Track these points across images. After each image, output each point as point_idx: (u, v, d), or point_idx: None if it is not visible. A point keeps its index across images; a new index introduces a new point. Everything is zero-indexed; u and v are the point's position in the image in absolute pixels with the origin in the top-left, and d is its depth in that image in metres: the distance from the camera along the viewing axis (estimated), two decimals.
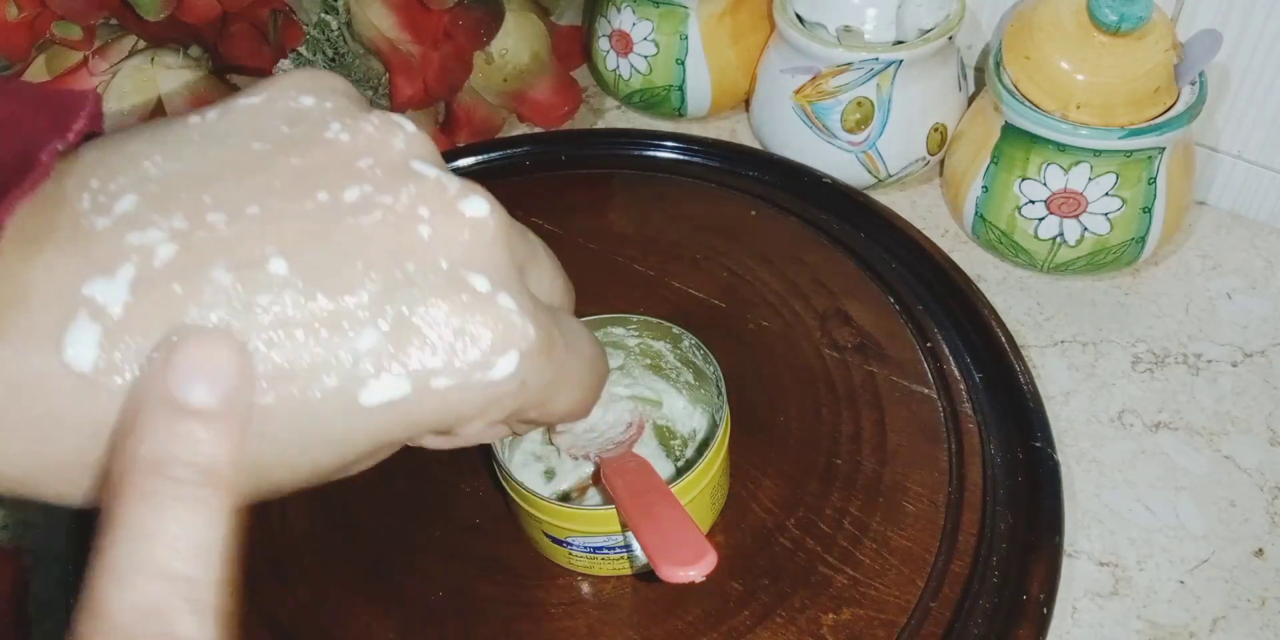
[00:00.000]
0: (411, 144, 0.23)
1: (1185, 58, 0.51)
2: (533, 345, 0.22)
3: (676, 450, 0.46)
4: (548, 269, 0.26)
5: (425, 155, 0.23)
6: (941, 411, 0.47)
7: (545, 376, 0.23)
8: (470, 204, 0.22)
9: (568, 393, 0.25)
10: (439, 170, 0.23)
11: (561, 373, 0.24)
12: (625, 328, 0.45)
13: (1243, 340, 0.54)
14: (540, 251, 0.26)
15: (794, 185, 0.59)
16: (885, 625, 0.40)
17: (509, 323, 0.22)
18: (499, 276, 0.22)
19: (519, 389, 0.23)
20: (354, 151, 0.22)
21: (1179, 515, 0.47)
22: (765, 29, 0.64)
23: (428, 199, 0.22)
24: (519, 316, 0.22)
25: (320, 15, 0.57)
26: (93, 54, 0.55)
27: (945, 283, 0.53)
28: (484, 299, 0.22)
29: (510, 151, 0.63)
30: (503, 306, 0.22)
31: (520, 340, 0.22)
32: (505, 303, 0.22)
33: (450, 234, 0.22)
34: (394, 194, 0.22)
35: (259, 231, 0.21)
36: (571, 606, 0.42)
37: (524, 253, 0.24)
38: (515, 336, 0.22)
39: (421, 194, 0.22)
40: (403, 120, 0.24)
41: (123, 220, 0.20)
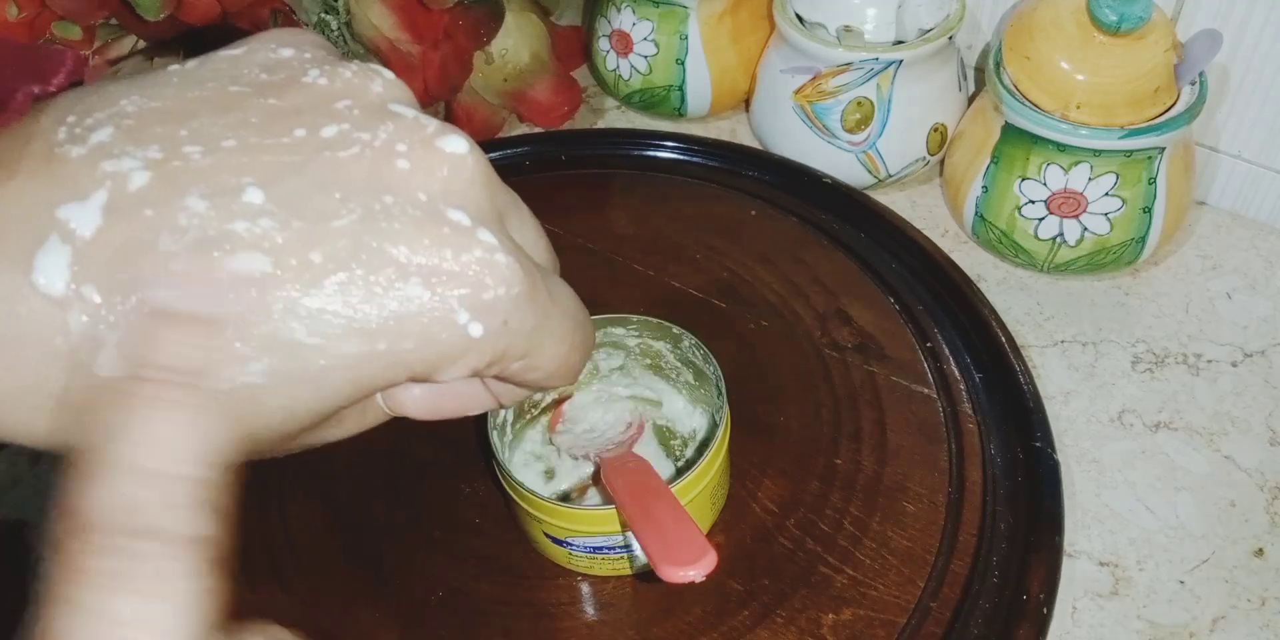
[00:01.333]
0: (390, 88, 0.23)
1: (1185, 58, 0.51)
2: (515, 283, 0.22)
3: (676, 450, 0.46)
4: (530, 224, 0.26)
5: (403, 99, 0.23)
6: (941, 411, 0.47)
7: (527, 320, 0.23)
8: (448, 141, 0.22)
9: (552, 346, 0.24)
10: (417, 111, 0.23)
11: (545, 321, 0.23)
12: (625, 328, 0.45)
13: (1243, 340, 0.54)
14: (522, 206, 0.26)
15: (794, 185, 0.59)
16: (885, 625, 0.40)
17: (491, 257, 0.22)
18: (478, 214, 0.22)
19: (500, 328, 0.22)
20: (332, 94, 0.23)
21: (1179, 515, 0.47)
22: (765, 29, 0.64)
23: (405, 135, 0.22)
24: (501, 253, 0.22)
25: (320, 15, 0.57)
26: (93, 54, 0.55)
27: (945, 283, 0.53)
28: (464, 232, 0.22)
29: (510, 151, 0.63)
30: (484, 241, 0.22)
31: (502, 275, 0.22)
32: (486, 238, 0.22)
33: (429, 168, 0.22)
34: (371, 131, 0.22)
35: (235, 163, 0.21)
36: (571, 606, 0.42)
37: (505, 200, 0.24)
38: (497, 269, 0.22)
39: (399, 131, 0.22)
40: (380, 68, 0.24)
41: (97, 149, 0.20)
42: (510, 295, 0.22)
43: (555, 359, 0.25)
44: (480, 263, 0.22)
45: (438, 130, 0.22)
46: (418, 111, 0.23)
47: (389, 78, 0.24)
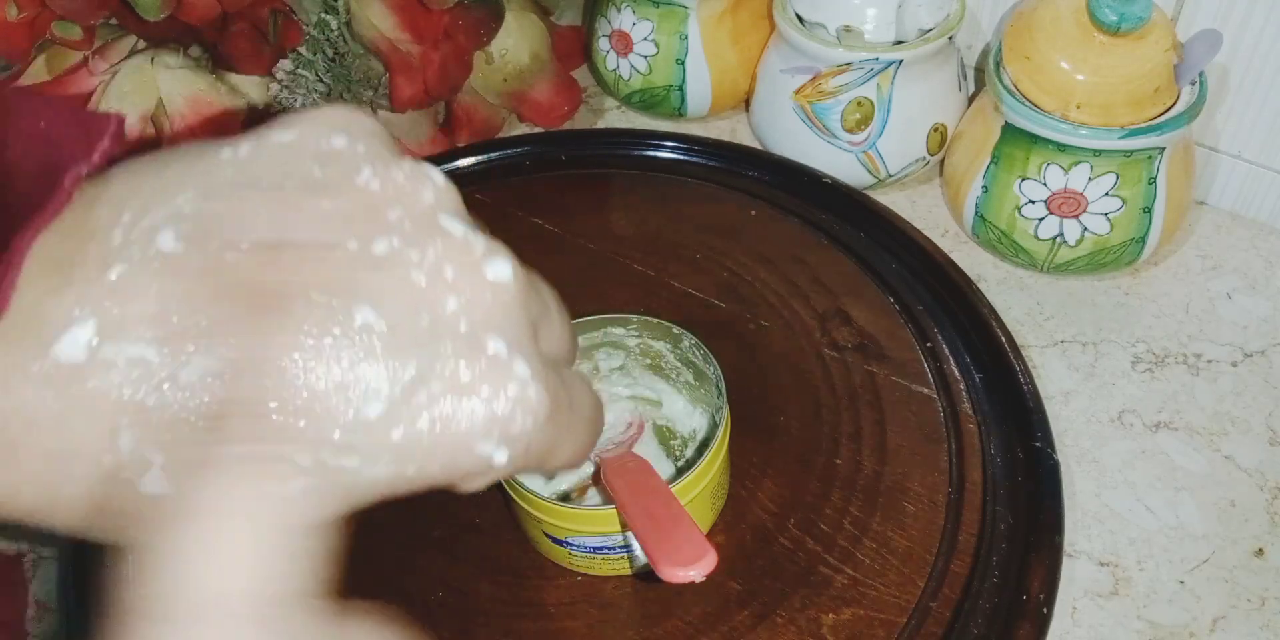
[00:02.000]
0: (441, 197, 0.24)
1: (1185, 58, 0.51)
2: (542, 412, 0.23)
3: (676, 450, 0.46)
4: (557, 324, 0.26)
5: (453, 209, 0.24)
6: (941, 411, 0.47)
7: (548, 440, 0.24)
8: (495, 267, 0.23)
9: (567, 451, 0.25)
10: (465, 226, 0.23)
11: (564, 434, 0.24)
12: (625, 328, 0.45)
13: (1243, 340, 0.54)
14: (551, 306, 0.26)
15: (794, 185, 0.59)
16: (885, 625, 0.40)
17: (524, 392, 0.22)
18: (515, 340, 0.23)
19: (523, 453, 0.23)
20: (384, 200, 0.23)
21: (1179, 515, 0.47)
22: (765, 29, 0.64)
23: (454, 257, 0.22)
24: (533, 385, 0.22)
25: (320, 15, 0.57)
26: (93, 54, 0.55)
27: (945, 283, 0.53)
28: (501, 365, 0.22)
29: (510, 151, 0.63)
30: (519, 375, 0.22)
31: (532, 408, 0.22)
32: (521, 371, 0.22)
33: (474, 298, 0.22)
34: (421, 249, 0.22)
35: (290, 278, 0.21)
36: (571, 606, 0.42)
37: (538, 310, 0.24)
38: (528, 404, 0.22)
39: (448, 252, 0.22)
40: (432, 171, 0.24)
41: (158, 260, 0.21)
42: (537, 424, 0.23)
43: (567, 458, 0.26)
44: (514, 399, 0.22)
45: (485, 253, 0.23)
46: (466, 226, 0.23)
47: (440, 184, 0.24)
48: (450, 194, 0.24)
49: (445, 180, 0.24)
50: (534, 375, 0.23)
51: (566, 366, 0.27)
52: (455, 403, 0.22)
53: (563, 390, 0.24)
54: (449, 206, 0.24)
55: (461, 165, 0.62)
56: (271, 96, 0.57)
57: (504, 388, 0.22)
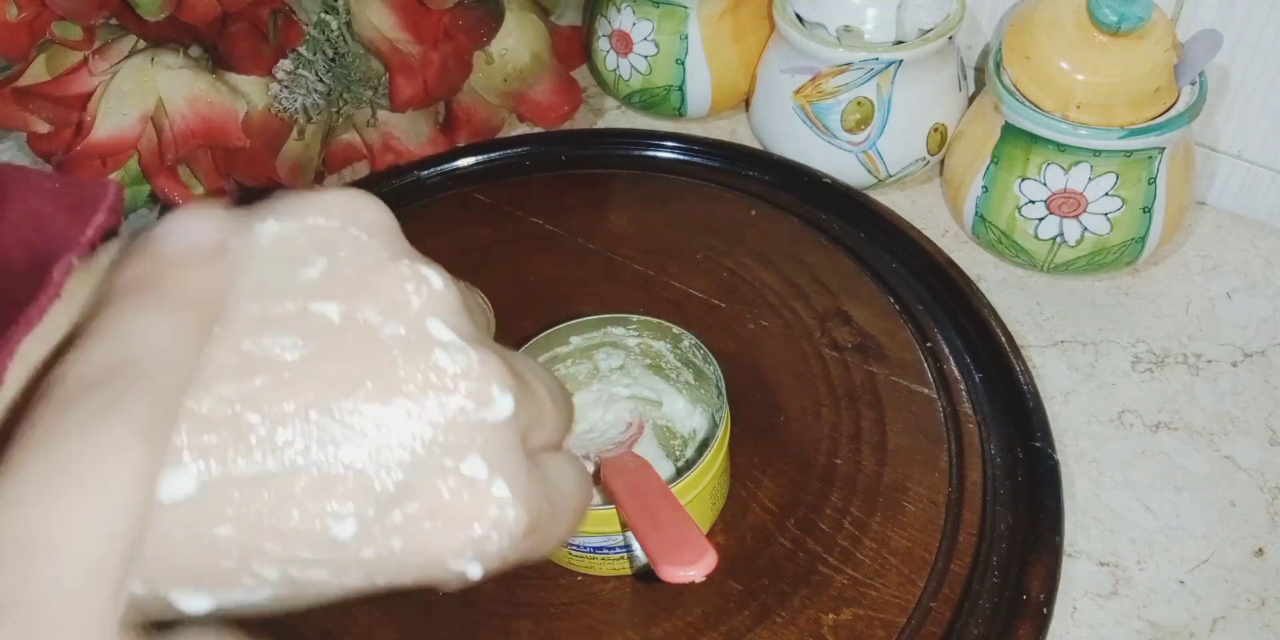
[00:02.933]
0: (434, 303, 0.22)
1: (1185, 58, 0.51)
2: (520, 531, 0.22)
3: (676, 450, 0.46)
4: (550, 417, 0.25)
5: (445, 315, 0.23)
6: (941, 411, 0.47)
7: (524, 550, 0.23)
8: (484, 394, 0.22)
9: (544, 550, 0.25)
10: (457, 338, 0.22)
11: (542, 540, 0.24)
12: (625, 328, 0.45)
13: (1243, 340, 0.54)
14: (546, 401, 0.25)
15: (794, 185, 0.59)
16: (885, 625, 0.40)
17: (502, 513, 0.22)
18: (498, 460, 0.22)
19: (499, 564, 0.23)
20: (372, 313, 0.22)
21: (1179, 515, 0.47)
22: (765, 29, 0.64)
23: (437, 381, 0.22)
24: (512, 507, 0.22)
25: (320, 15, 0.57)
26: (93, 54, 0.55)
27: (945, 283, 0.53)
28: (480, 487, 0.22)
29: (510, 151, 0.63)
30: (498, 497, 0.22)
31: (509, 529, 0.22)
32: (500, 492, 0.22)
33: (457, 421, 0.22)
34: (405, 368, 0.21)
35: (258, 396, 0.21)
36: (571, 606, 0.42)
37: (531, 414, 0.24)
38: (506, 525, 0.22)
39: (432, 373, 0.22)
40: (430, 272, 0.23)
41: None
42: (514, 541, 0.22)
43: (547, 553, 0.25)
44: (491, 521, 0.22)
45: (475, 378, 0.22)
46: (457, 337, 0.22)
47: (437, 288, 0.23)
48: (446, 300, 0.23)
49: (443, 282, 0.23)
50: (514, 495, 0.22)
51: (557, 450, 0.26)
52: (430, 524, 0.21)
53: (545, 498, 0.23)
54: (444, 314, 0.22)
55: (461, 165, 0.62)
56: (271, 96, 0.57)
57: (482, 510, 0.22)
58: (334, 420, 0.21)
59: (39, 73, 0.55)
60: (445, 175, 0.61)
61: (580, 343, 0.45)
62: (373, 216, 0.23)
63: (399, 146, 0.63)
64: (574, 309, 0.45)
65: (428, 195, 0.60)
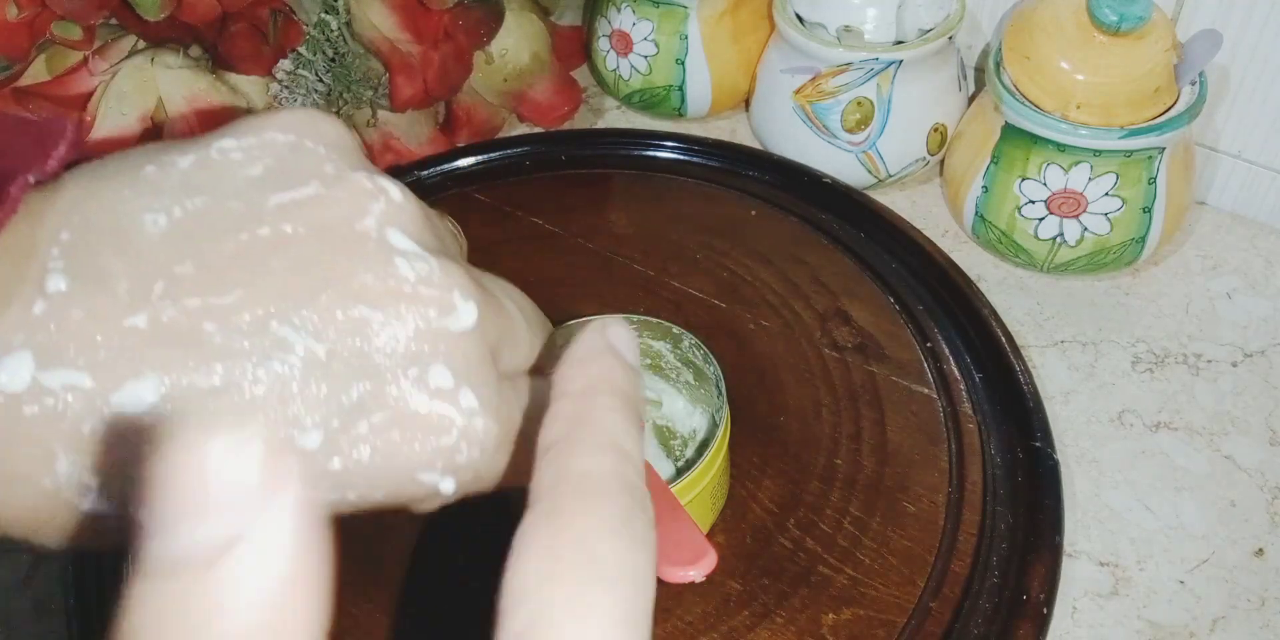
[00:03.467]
0: (394, 213, 0.22)
1: (1185, 58, 0.51)
2: (490, 442, 0.22)
3: (676, 450, 0.46)
4: (524, 340, 0.25)
5: (406, 226, 0.22)
6: (941, 411, 0.47)
7: (500, 466, 0.23)
8: (448, 302, 0.22)
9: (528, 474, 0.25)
10: (417, 248, 0.22)
11: (518, 457, 0.24)
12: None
13: (1243, 340, 0.54)
14: (518, 322, 0.25)
15: (794, 185, 0.59)
16: (885, 625, 0.40)
17: (470, 423, 0.22)
18: (464, 369, 0.22)
19: (473, 480, 0.23)
20: (330, 219, 0.22)
21: (1179, 515, 0.47)
22: (765, 29, 0.64)
23: (401, 287, 0.21)
24: (480, 416, 0.22)
25: (320, 15, 0.57)
26: (93, 54, 0.55)
27: (945, 283, 0.53)
28: (446, 396, 0.21)
29: (510, 151, 0.63)
30: (465, 406, 0.22)
31: (478, 439, 0.22)
32: (467, 401, 0.22)
33: (421, 328, 0.21)
34: (367, 273, 0.21)
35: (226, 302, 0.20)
36: None
37: (500, 331, 0.23)
38: (474, 435, 0.22)
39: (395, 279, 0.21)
40: (388, 183, 0.23)
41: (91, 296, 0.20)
42: (484, 454, 0.22)
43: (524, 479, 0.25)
44: (459, 430, 0.21)
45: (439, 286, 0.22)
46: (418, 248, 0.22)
47: (396, 199, 0.23)
48: (406, 210, 0.23)
49: (402, 195, 0.23)
50: (482, 405, 0.22)
51: (535, 374, 0.26)
52: (397, 434, 0.21)
53: (519, 413, 0.23)
54: (403, 224, 0.22)
55: (461, 165, 0.62)
56: (271, 96, 0.57)
57: (449, 419, 0.21)
58: (293, 329, 0.20)
59: (39, 73, 0.55)
60: (445, 175, 0.61)
61: None
62: (330, 130, 0.23)
63: (399, 146, 0.63)
64: (574, 309, 0.45)
65: (428, 195, 0.60)
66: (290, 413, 0.20)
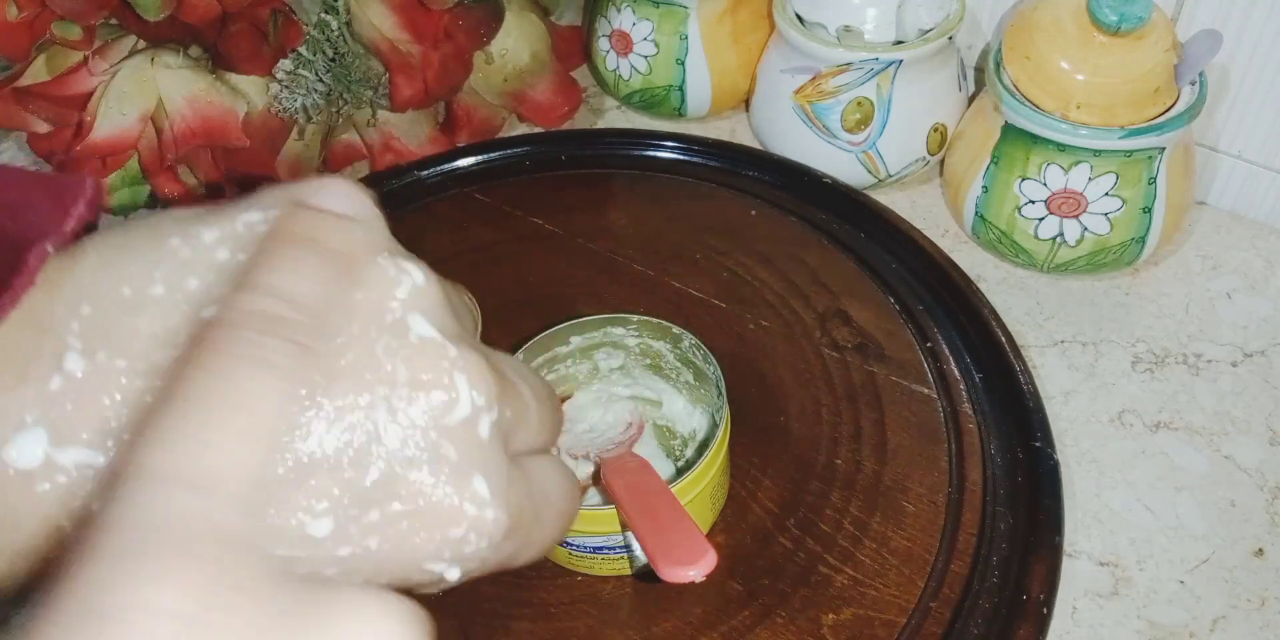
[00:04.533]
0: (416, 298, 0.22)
1: (1185, 58, 0.51)
2: (499, 533, 0.22)
3: (676, 450, 0.46)
4: (535, 419, 0.25)
5: (427, 310, 0.22)
6: (941, 411, 0.47)
7: (506, 553, 0.23)
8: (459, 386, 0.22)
9: (528, 555, 0.24)
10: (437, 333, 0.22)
11: (525, 544, 0.23)
12: (625, 328, 0.45)
13: (1243, 340, 0.54)
14: (530, 402, 0.24)
15: (794, 185, 0.59)
16: (885, 625, 0.40)
17: (480, 513, 0.21)
18: (475, 458, 0.22)
19: (478, 567, 0.22)
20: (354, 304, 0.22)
21: (1179, 515, 0.47)
22: (765, 29, 0.64)
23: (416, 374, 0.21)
24: (491, 507, 0.22)
25: (320, 15, 0.57)
26: (93, 54, 0.55)
27: (945, 283, 0.53)
28: (459, 483, 0.21)
29: (510, 151, 0.63)
30: (477, 494, 0.21)
31: (488, 530, 0.22)
32: (480, 489, 0.21)
33: (434, 417, 0.21)
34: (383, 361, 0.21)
35: None
36: (571, 606, 0.42)
37: (514, 413, 0.23)
38: (485, 527, 0.22)
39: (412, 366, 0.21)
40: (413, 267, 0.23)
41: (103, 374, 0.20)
42: (492, 544, 0.22)
43: (532, 558, 0.25)
44: (469, 520, 0.21)
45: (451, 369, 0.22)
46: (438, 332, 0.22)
47: (419, 283, 0.22)
48: (429, 295, 0.22)
49: (425, 278, 0.23)
50: (493, 495, 0.22)
51: (544, 453, 0.25)
52: (407, 524, 0.21)
53: (528, 500, 0.23)
54: (426, 309, 0.22)
55: (461, 165, 0.62)
56: (271, 96, 0.57)
57: (460, 511, 0.21)
58: (314, 414, 0.20)
59: (39, 73, 0.55)
60: (445, 175, 0.61)
61: (580, 343, 0.45)
62: (357, 208, 0.23)
63: (399, 146, 0.63)
64: (574, 309, 0.45)
65: (428, 195, 0.60)
66: (303, 498, 0.20)
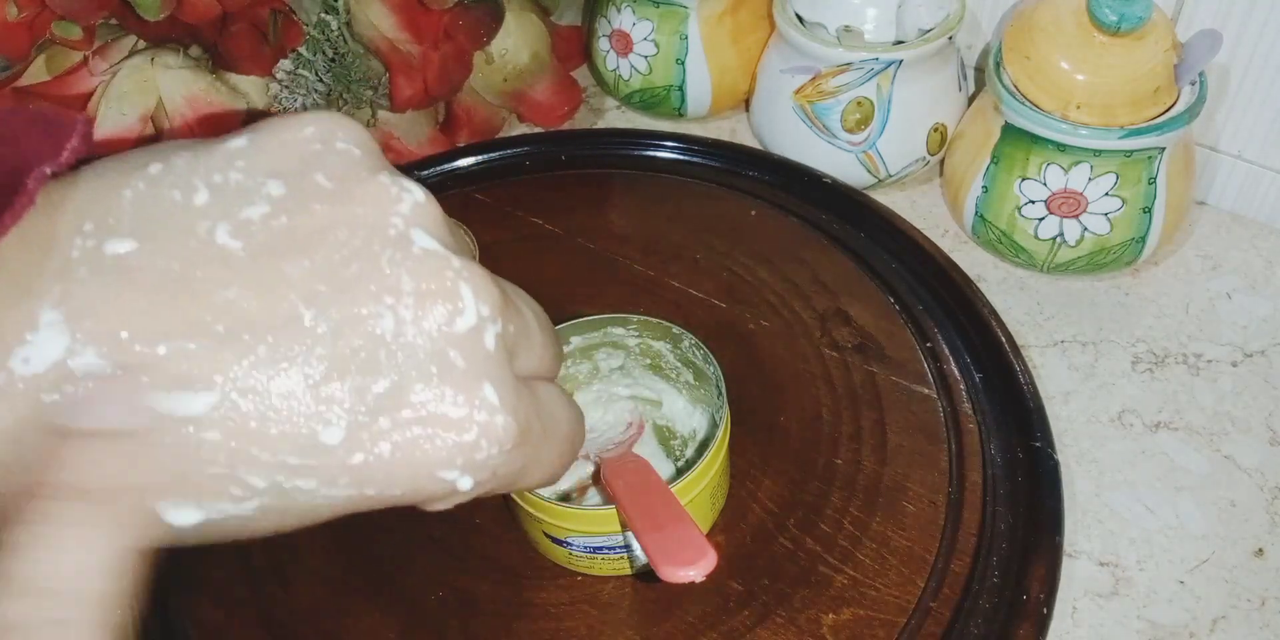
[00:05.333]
0: (418, 213, 0.23)
1: (1185, 58, 0.51)
2: (509, 440, 0.22)
3: (676, 450, 0.46)
4: (537, 341, 0.25)
5: (429, 226, 0.23)
6: (941, 411, 0.47)
7: (517, 464, 0.23)
8: (466, 296, 0.22)
9: (539, 473, 0.25)
10: (439, 245, 0.22)
11: (535, 457, 0.24)
12: (625, 328, 0.45)
13: (1243, 340, 0.54)
14: (532, 323, 0.25)
15: (794, 185, 0.59)
16: (885, 625, 0.40)
17: (491, 419, 0.22)
18: (484, 366, 0.22)
19: (490, 478, 0.23)
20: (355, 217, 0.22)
21: (1179, 515, 0.47)
22: (765, 29, 0.64)
23: (424, 282, 0.22)
24: (501, 413, 0.22)
25: (320, 15, 0.57)
26: (93, 54, 0.55)
27: (945, 283, 0.53)
28: (468, 391, 0.22)
29: (510, 151, 0.63)
30: (486, 400, 0.22)
31: (498, 436, 0.22)
32: (489, 396, 0.22)
33: (444, 323, 0.22)
34: (389, 269, 0.21)
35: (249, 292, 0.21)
36: (571, 606, 0.42)
37: (515, 331, 0.24)
38: (495, 432, 0.22)
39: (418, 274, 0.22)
40: (411, 184, 0.23)
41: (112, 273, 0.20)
42: (503, 451, 0.22)
43: (541, 479, 0.25)
44: (479, 426, 0.22)
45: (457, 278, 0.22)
46: (440, 244, 0.22)
47: (420, 199, 0.23)
48: (429, 211, 0.23)
49: (425, 196, 0.23)
50: (502, 402, 0.22)
51: (548, 381, 0.26)
52: (419, 430, 0.21)
53: (535, 414, 0.23)
54: (427, 224, 0.23)
55: (461, 165, 0.62)
56: (271, 96, 0.57)
57: (471, 416, 0.21)
58: (325, 322, 0.20)
59: (39, 73, 0.55)
60: (445, 175, 0.61)
61: (580, 343, 0.45)
62: (356, 131, 0.24)
63: (399, 146, 0.63)
64: (574, 309, 0.45)
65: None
66: (316, 405, 0.20)
